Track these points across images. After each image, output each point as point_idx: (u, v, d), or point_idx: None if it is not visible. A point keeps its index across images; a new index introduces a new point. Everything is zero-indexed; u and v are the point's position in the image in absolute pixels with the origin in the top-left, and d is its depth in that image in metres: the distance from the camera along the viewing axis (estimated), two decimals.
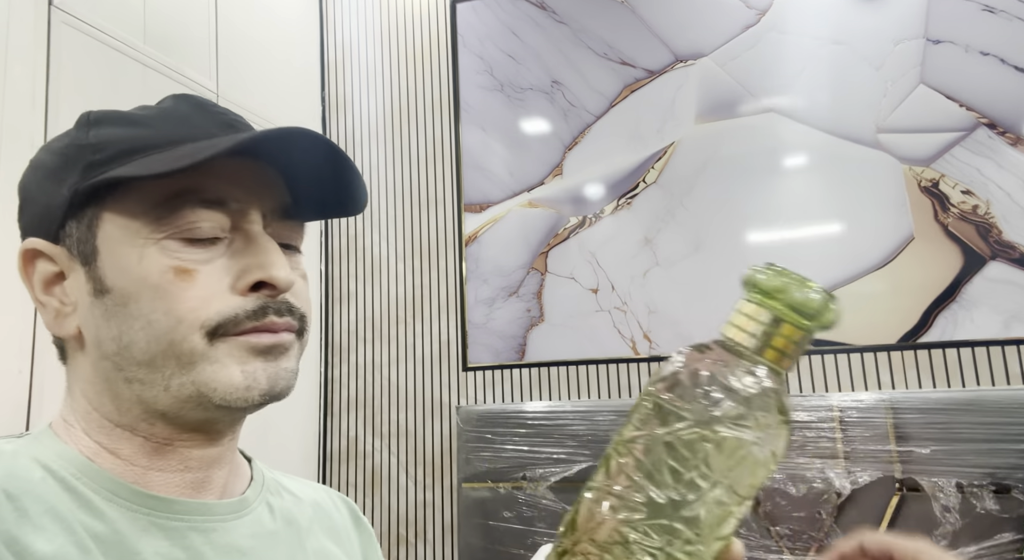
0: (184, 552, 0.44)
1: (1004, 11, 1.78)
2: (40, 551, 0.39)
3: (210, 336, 0.45)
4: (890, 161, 1.84)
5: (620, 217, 2.07)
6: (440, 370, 2.24)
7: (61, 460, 0.45)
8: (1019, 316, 1.69)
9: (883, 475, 1.65)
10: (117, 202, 0.46)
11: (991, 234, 1.74)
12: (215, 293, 0.46)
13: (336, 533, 0.58)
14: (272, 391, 0.47)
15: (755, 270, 0.36)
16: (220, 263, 0.47)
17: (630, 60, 2.11)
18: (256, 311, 0.46)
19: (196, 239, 0.46)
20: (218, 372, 0.45)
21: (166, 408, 0.46)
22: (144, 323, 0.45)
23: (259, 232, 0.48)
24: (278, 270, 0.47)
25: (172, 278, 0.45)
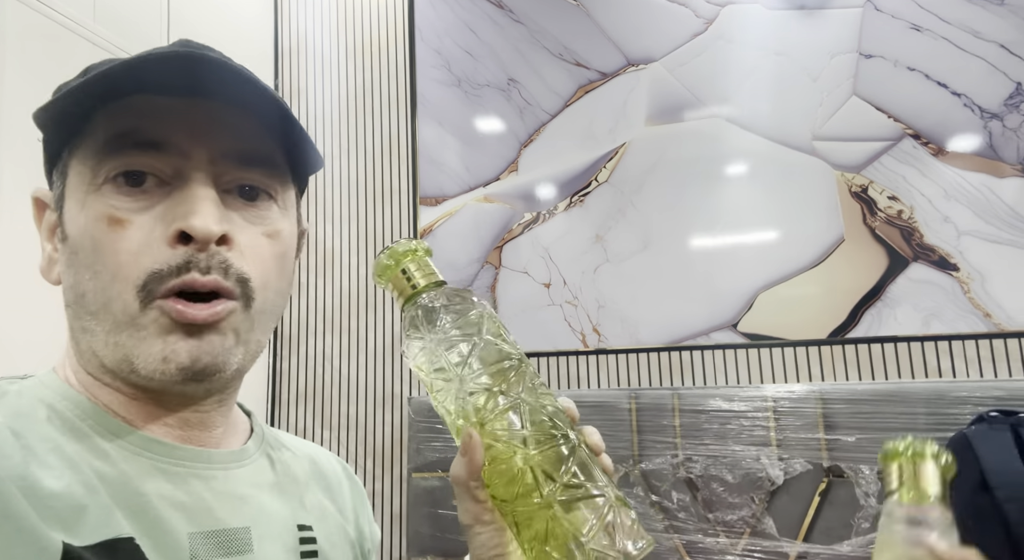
0: (187, 496, 0.45)
1: (930, 30, 1.91)
2: (48, 488, 0.39)
3: (142, 296, 0.43)
4: (824, 167, 1.95)
5: (573, 214, 2.13)
6: (392, 362, 2.26)
7: (65, 401, 0.45)
8: (937, 314, 1.82)
9: (812, 462, 1.76)
10: (79, 149, 0.46)
11: (913, 238, 1.87)
12: (146, 245, 0.43)
13: (331, 490, 0.58)
14: (194, 368, 0.43)
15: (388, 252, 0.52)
16: (156, 211, 0.44)
17: (584, 62, 2.17)
18: (180, 266, 0.43)
19: (133, 186, 0.44)
20: (140, 342, 0.43)
21: (110, 365, 0.45)
22: (91, 274, 0.44)
23: (195, 177, 0.45)
24: (197, 218, 0.43)
25: (105, 228, 0.43)
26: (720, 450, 1.82)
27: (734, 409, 1.83)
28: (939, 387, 1.73)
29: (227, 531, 0.45)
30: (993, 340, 1.78)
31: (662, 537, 1.83)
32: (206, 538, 0.44)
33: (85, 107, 0.44)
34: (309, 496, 0.54)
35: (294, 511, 0.52)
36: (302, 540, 0.50)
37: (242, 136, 0.47)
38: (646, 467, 1.87)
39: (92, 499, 0.40)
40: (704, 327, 1.98)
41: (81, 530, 0.39)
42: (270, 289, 0.48)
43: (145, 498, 0.42)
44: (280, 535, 0.49)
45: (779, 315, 1.93)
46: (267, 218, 0.49)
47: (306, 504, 0.53)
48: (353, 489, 0.62)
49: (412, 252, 0.51)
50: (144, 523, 0.41)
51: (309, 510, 0.53)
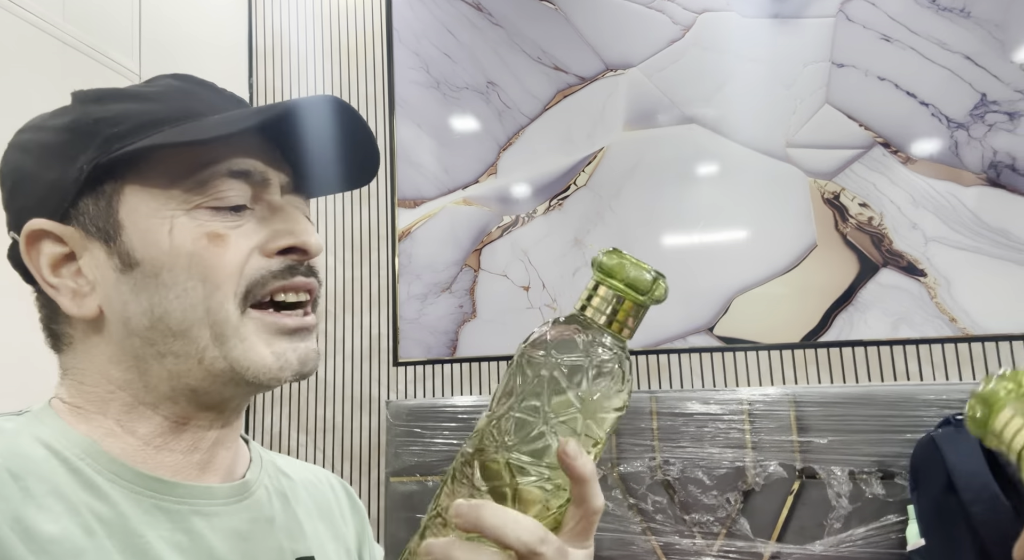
0: (186, 536, 0.45)
1: (899, 40, 1.96)
2: (45, 532, 0.39)
3: (242, 303, 0.46)
4: (797, 174, 1.99)
5: (552, 217, 2.14)
6: (370, 365, 2.24)
7: (64, 440, 0.45)
8: (906, 319, 1.88)
9: (785, 463, 1.79)
10: (140, 175, 0.46)
11: (883, 244, 1.92)
12: (247, 256, 0.47)
13: (331, 517, 0.59)
14: (302, 371, 0.48)
15: (600, 252, 0.43)
16: (248, 228, 0.48)
17: (563, 66, 2.18)
18: (283, 271, 0.48)
19: (224, 208, 0.47)
20: (248, 351, 0.46)
21: (198, 382, 0.47)
22: (179, 292, 0.45)
23: (281, 201, 0.50)
24: (310, 236, 0.49)
25: (206, 244, 0.46)
26: (697, 452, 1.85)
27: (710, 412, 1.86)
28: (907, 390, 1.77)
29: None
30: (958, 344, 1.84)
31: (639, 539, 1.85)
32: None
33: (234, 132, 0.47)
34: (309, 526, 0.55)
35: (294, 543, 0.52)
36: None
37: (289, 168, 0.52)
38: (624, 470, 1.89)
39: (90, 542, 0.40)
40: (681, 331, 2.01)
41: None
42: None
43: (144, 540, 0.42)
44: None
45: (754, 319, 1.97)
46: None
47: (306, 534, 0.54)
48: (355, 513, 0.62)
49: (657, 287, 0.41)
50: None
51: (309, 540, 0.53)
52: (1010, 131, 1.87)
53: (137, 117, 0.46)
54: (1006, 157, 1.87)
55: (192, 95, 0.50)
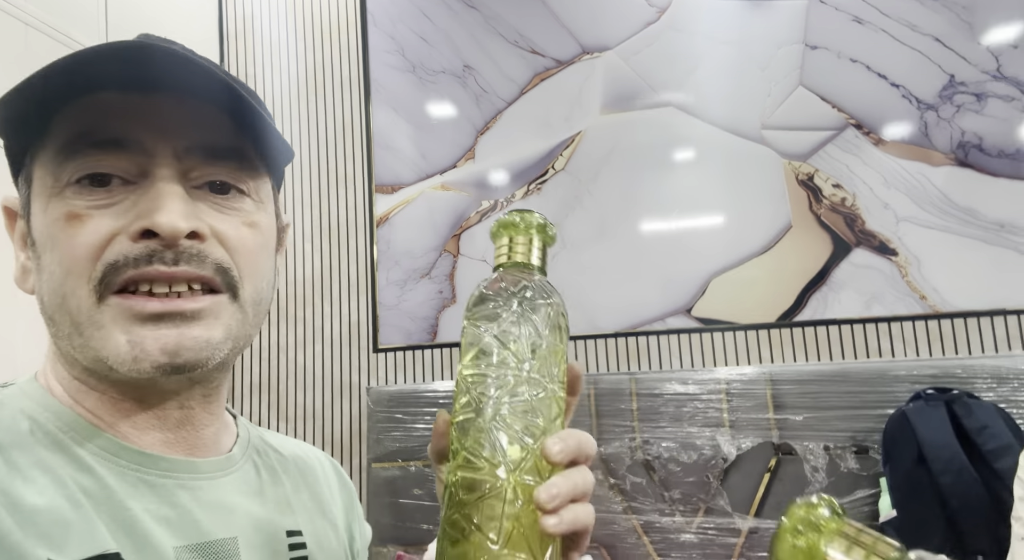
0: (172, 509, 0.44)
1: (871, 23, 1.98)
2: (31, 503, 0.38)
3: (97, 291, 0.42)
4: (772, 155, 2.01)
5: (530, 202, 2.14)
6: (350, 352, 2.24)
7: (47, 413, 0.44)
8: (878, 297, 1.92)
9: (763, 440, 1.83)
10: (41, 153, 0.44)
11: (856, 224, 1.95)
12: (106, 238, 0.42)
13: (319, 492, 0.58)
14: (173, 362, 0.42)
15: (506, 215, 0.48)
16: (118, 209, 0.43)
17: (540, 49, 2.18)
18: (139, 258, 0.42)
19: (97, 186, 0.43)
20: (105, 339, 0.42)
21: (88, 365, 0.44)
22: (47, 276, 0.43)
23: (160, 174, 0.44)
24: (164, 215, 0.42)
25: (63, 225, 0.42)
26: (676, 432, 1.88)
27: (689, 392, 1.89)
28: (879, 367, 1.82)
29: (214, 543, 0.45)
30: (928, 321, 1.88)
31: (620, 518, 1.88)
32: (192, 551, 0.43)
33: (42, 109, 0.43)
34: (297, 500, 0.54)
35: (282, 517, 0.51)
36: (291, 546, 0.50)
37: (207, 130, 0.45)
38: (605, 451, 1.91)
39: (77, 514, 0.39)
40: (659, 313, 2.03)
41: (66, 546, 0.38)
42: (259, 278, 0.47)
43: (130, 513, 0.42)
44: (268, 543, 0.48)
45: (731, 300, 2.00)
46: (242, 210, 0.47)
47: (294, 509, 0.53)
48: (343, 489, 0.62)
49: (543, 229, 0.47)
50: (130, 538, 0.41)
51: (297, 514, 0.53)
52: (977, 112, 1.91)
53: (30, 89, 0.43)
54: (974, 137, 1.90)
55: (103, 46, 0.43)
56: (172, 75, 0.43)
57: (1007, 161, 1.88)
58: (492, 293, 0.45)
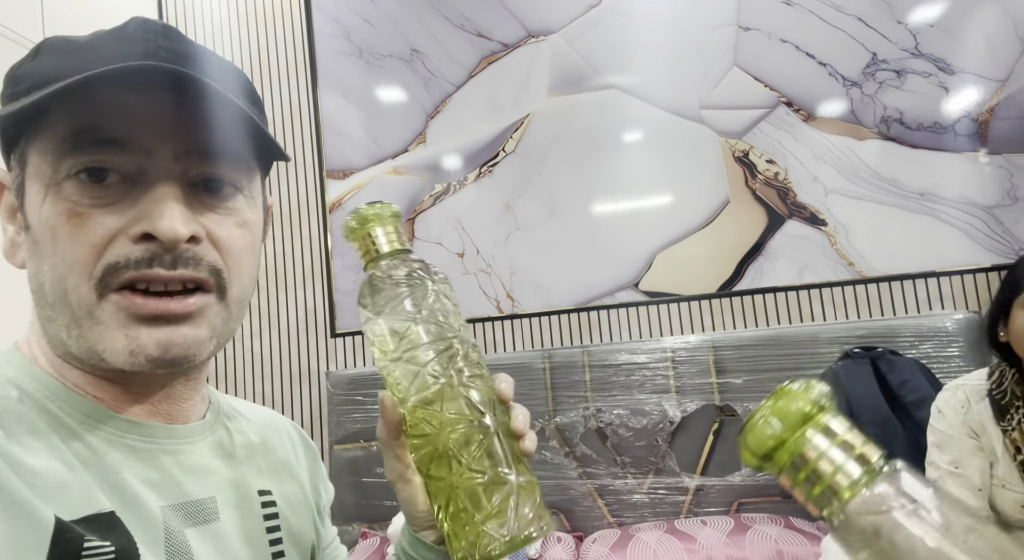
0: (157, 472, 0.47)
1: (799, 4, 2.08)
2: (31, 465, 0.40)
3: (97, 288, 0.44)
4: (710, 134, 2.10)
5: (483, 184, 2.18)
6: (308, 338, 2.26)
7: (34, 382, 0.46)
8: (809, 265, 2.04)
9: (706, 404, 1.94)
10: (37, 139, 0.45)
11: (788, 197, 2.06)
12: (107, 238, 0.44)
13: (286, 455, 0.61)
14: (165, 357, 0.45)
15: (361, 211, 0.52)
16: (119, 206, 0.44)
17: (486, 33, 2.21)
18: (139, 260, 0.44)
19: (95, 182, 0.44)
20: (103, 334, 0.44)
21: (78, 353, 0.46)
22: (49, 266, 0.45)
23: (159, 175, 0.45)
24: (164, 221, 0.44)
25: (64, 221, 0.44)
26: (626, 400, 1.98)
27: (637, 361, 1.98)
28: (812, 330, 1.94)
29: (194, 502, 0.49)
30: (856, 286, 2.02)
31: (576, 484, 1.97)
32: (176, 510, 0.47)
33: (44, 103, 0.43)
34: (266, 463, 0.58)
35: (254, 478, 0.55)
36: (263, 504, 0.54)
37: (204, 130, 0.47)
38: (560, 421, 2.00)
39: (73, 476, 0.42)
40: (609, 288, 2.11)
41: (66, 505, 0.41)
42: (244, 277, 0.50)
43: (119, 476, 0.45)
44: (243, 502, 0.52)
45: (675, 273, 2.09)
46: (235, 209, 0.49)
47: (264, 471, 0.57)
48: (307, 451, 0.65)
49: (378, 216, 0.51)
50: (122, 498, 0.44)
51: (267, 476, 0.56)
52: (898, 88, 2.03)
53: (37, 76, 0.44)
54: (895, 112, 2.03)
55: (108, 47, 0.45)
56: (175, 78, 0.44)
57: (927, 133, 2.01)
58: (396, 280, 0.50)
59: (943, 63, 2.01)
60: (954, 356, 1.83)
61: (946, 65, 2.01)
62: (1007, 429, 1.24)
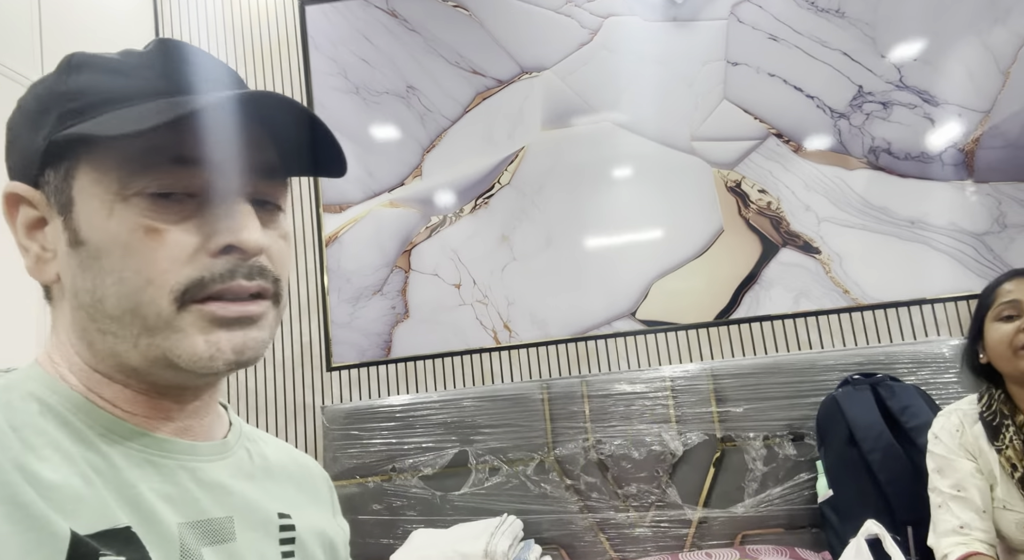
0: (175, 487, 0.47)
1: (785, 40, 2.14)
2: (47, 478, 0.40)
3: (178, 301, 0.45)
4: (703, 165, 2.14)
5: (479, 216, 2.20)
6: (303, 371, 2.24)
7: (56, 396, 0.46)
8: (805, 293, 2.05)
9: (707, 433, 1.92)
10: (91, 154, 0.46)
11: (781, 226, 2.09)
12: (185, 254, 0.45)
13: (304, 485, 0.60)
14: (239, 360, 0.47)
15: None
16: (193, 223, 0.46)
17: (480, 69, 2.26)
18: (223, 274, 0.46)
19: (167, 196, 0.45)
20: (182, 341, 0.45)
21: (137, 365, 0.47)
22: (116, 279, 0.45)
23: (232, 192, 0.47)
24: (248, 233, 0.46)
25: (142, 236, 0.45)
26: (626, 430, 1.96)
27: (636, 391, 1.97)
28: (810, 357, 1.94)
29: (212, 521, 0.48)
30: (852, 314, 2.03)
31: (577, 518, 1.94)
32: (193, 528, 0.46)
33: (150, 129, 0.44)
34: (285, 488, 0.57)
35: (273, 501, 0.54)
36: (282, 528, 0.53)
37: (266, 150, 0.50)
38: (560, 453, 1.97)
39: (89, 490, 0.42)
40: (606, 317, 2.12)
41: (82, 519, 0.40)
42: (287, 285, 0.53)
43: (136, 490, 0.45)
44: (261, 523, 0.52)
45: (671, 302, 2.10)
46: (279, 224, 0.52)
47: (283, 495, 0.56)
48: (328, 487, 0.65)
49: None
50: (139, 513, 0.44)
51: (286, 501, 0.56)
52: (884, 119, 2.08)
53: (95, 93, 0.46)
54: (883, 142, 2.07)
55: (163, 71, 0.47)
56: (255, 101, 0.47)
57: (914, 163, 2.05)
58: None
59: (927, 95, 2.06)
60: (951, 382, 1.83)
61: (930, 97, 2.06)
62: (1001, 449, 1.24)
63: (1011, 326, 1.23)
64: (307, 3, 2.36)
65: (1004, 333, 1.23)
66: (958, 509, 1.26)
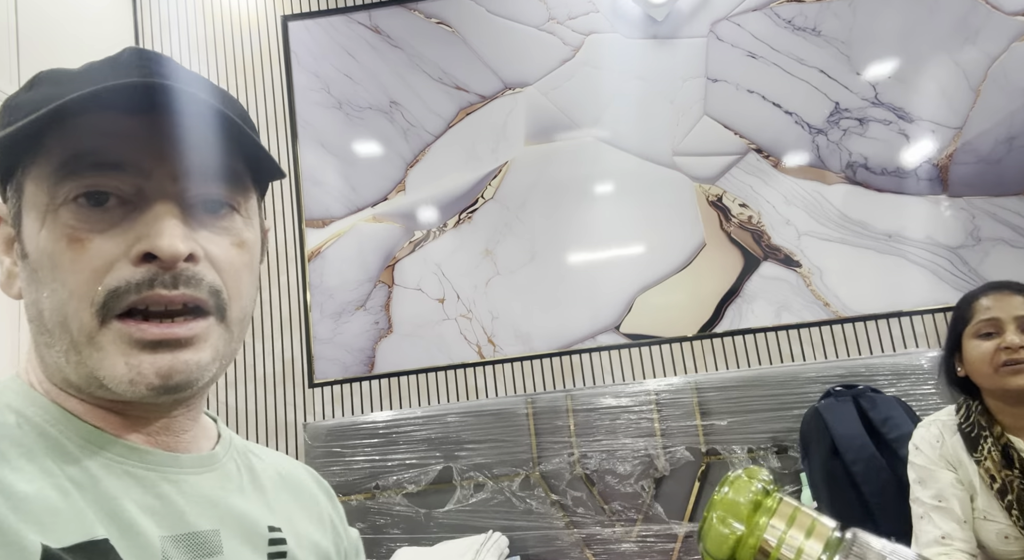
0: (157, 500, 0.45)
1: (763, 57, 2.18)
2: (22, 490, 0.39)
3: (99, 315, 0.43)
4: (684, 180, 2.16)
5: (462, 230, 2.20)
6: (285, 388, 2.21)
7: (34, 407, 0.45)
8: (787, 306, 2.07)
9: (692, 447, 1.93)
10: (34, 167, 0.45)
11: (763, 239, 2.11)
12: (105, 264, 0.43)
13: (300, 498, 0.59)
14: (166, 385, 0.44)
15: None
16: (117, 230, 0.44)
17: (464, 85, 2.27)
18: (140, 283, 0.43)
19: (94, 206, 0.44)
20: (103, 361, 0.44)
21: (76, 380, 0.45)
22: (48, 292, 0.44)
23: (157, 196, 0.45)
24: (164, 239, 0.43)
25: (64, 247, 0.43)
26: (611, 444, 1.95)
27: (621, 404, 1.97)
28: (792, 370, 1.96)
29: (197, 534, 0.46)
30: (833, 326, 2.05)
31: (563, 534, 1.92)
32: (177, 541, 0.45)
33: (38, 126, 0.43)
34: (277, 501, 0.55)
35: (264, 513, 0.53)
36: (271, 541, 0.51)
37: (201, 152, 0.47)
38: (545, 468, 1.96)
39: (66, 502, 0.41)
40: (590, 331, 2.12)
41: (57, 532, 0.39)
42: (244, 297, 0.50)
43: (117, 502, 0.43)
44: (249, 537, 0.50)
45: (655, 315, 2.11)
46: (232, 229, 0.49)
47: (275, 507, 0.54)
48: (328, 497, 0.63)
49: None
50: (118, 526, 0.42)
51: (278, 513, 0.54)
52: (861, 135, 2.12)
53: (30, 105, 0.44)
54: (860, 157, 2.11)
55: (100, 75, 0.45)
56: (167, 98, 0.44)
57: (890, 178, 2.09)
58: None
59: (902, 112, 2.11)
60: (930, 393, 1.85)
61: (905, 113, 2.11)
62: (980, 460, 1.25)
63: (991, 344, 1.24)
64: (289, 19, 2.36)
65: (984, 351, 1.25)
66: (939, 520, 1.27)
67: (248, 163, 0.51)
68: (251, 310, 0.52)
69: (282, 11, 2.38)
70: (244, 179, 0.50)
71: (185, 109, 0.45)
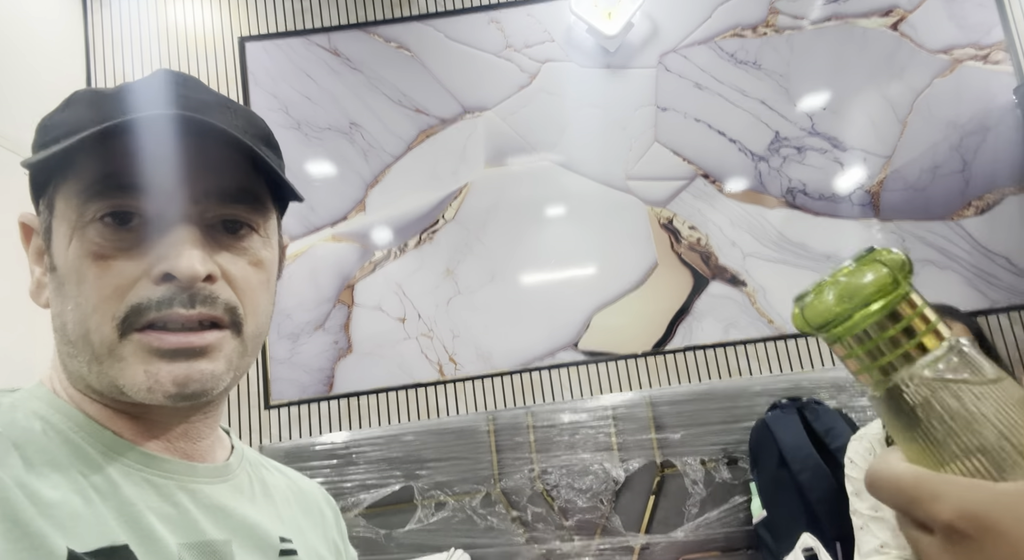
0: (173, 508, 0.47)
1: (708, 88, 2.30)
2: (47, 496, 0.41)
3: (121, 328, 0.46)
4: (638, 203, 2.25)
5: (423, 250, 2.23)
6: (240, 410, 2.18)
7: (58, 414, 0.47)
8: (734, 323, 2.17)
9: (647, 460, 1.99)
10: (64, 185, 0.48)
11: (711, 260, 2.21)
12: (128, 282, 0.46)
13: (309, 511, 0.61)
14: (182, 392, 0.46)
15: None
16: (140, 249, 0.46)
17: (423, 108, 2.31)
18: (161, 302, 0.46)
19: (120, 225, 0.46)
20: (124, 370, 0.46)
21: (99, 388, 0.48)
22: (73, 306, 0.47)
23: (178, 217, 0.47)
24: (183, 261, 0.46)
25: (89, 264, 0.46)
26: (570, 459, 2.00)
27: (580, 420, 2.02)
28: (740, 384, 2.05)
29: (210, 542, 0.48)
30: (776, 342, 2.15)
31: (524, 549, 1.95)
32: (191, 549, 0.47)
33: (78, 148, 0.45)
34: (287, 513, 0.57)
35: (275, 524, 0.54)
36: (283, 552, 0.53)
37: (223, 174, 0.49)
38: (506, 485, 1.99)
39: (88, 508, 0.43)
40: (549, 348, 2.17)
41: (80, 537, 0.41)
42: (260, 314, 0.52)
43: (135, 509, 0.45)
44: (261, 547, 0.52)
45: (611, 333, 2.18)
46: (250, 249, 0.51)
47: (286, 519, 0.56)
48: (334, 514, 0.65)
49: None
50: (137, 532, 0.44)
51: (289, 525, 0.56)
52: (799, 162, 2.25)
53: (62, 127, 0.47)
54: (799, 183, 2.24)
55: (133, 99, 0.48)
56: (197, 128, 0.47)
57: (826, 202, 2.23)
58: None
59: (836, 141, 2.26)
60: (867, 406, 1.97)
61: (839, 143, 2.26)
62: None
63: None
64: (247, 39, 2.37)
65: None
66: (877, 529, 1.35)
67: (269, 185, 0.54)
68: (267, 326, 0.54)
69: (239, 32, 2.38)
70: (263, 200, 0.53)
71: (208, 135, 0.48)
